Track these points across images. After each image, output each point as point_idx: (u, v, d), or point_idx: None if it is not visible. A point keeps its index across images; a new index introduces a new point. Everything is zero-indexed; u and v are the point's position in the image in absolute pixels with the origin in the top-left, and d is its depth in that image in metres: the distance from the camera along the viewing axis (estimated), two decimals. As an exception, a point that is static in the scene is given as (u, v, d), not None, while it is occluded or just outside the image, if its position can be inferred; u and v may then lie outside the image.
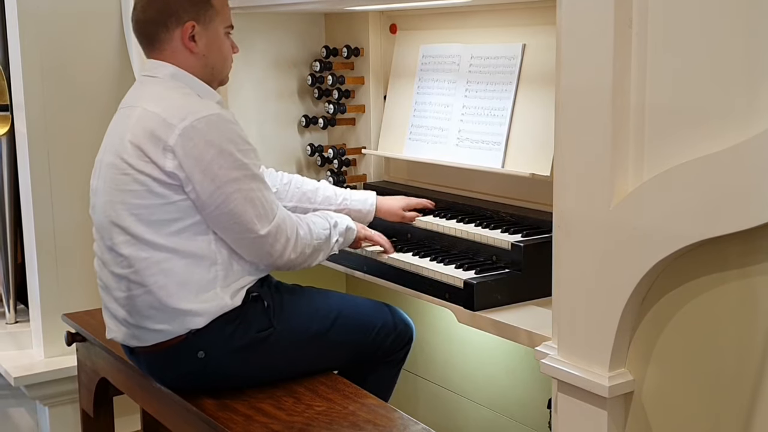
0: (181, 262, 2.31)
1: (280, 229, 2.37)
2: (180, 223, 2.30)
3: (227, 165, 2.28)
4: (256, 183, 2.34)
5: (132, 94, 2.49)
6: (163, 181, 2.27)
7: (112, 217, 2.34)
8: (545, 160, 2.61)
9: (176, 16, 2.40)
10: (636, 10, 1.69)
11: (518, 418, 2.95)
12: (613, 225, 1.74)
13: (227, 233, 2.34)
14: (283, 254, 2.39)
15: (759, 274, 1.59)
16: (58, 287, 3.62)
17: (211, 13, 2.44)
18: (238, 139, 2.32)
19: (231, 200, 2.29)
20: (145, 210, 2.29)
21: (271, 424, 2.24)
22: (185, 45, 2.41)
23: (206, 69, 2.46)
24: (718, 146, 1.56)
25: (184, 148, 2.25)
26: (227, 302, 2.35)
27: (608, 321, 1.78)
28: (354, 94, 3.38)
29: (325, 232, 2.51)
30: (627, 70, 1.71)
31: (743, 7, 1.53)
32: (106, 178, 2.37)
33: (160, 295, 2.31)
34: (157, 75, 2.43)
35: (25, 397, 3.63)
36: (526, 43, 2.74)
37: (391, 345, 2.62)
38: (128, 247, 2.32)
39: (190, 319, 2.33)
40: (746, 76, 1.53)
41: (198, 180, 2.26)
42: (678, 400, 1.75)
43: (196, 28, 2.41)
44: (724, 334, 1.66)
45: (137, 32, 2.48)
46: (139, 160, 2.28)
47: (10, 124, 3.63)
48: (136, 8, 2.46)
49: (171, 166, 2.26)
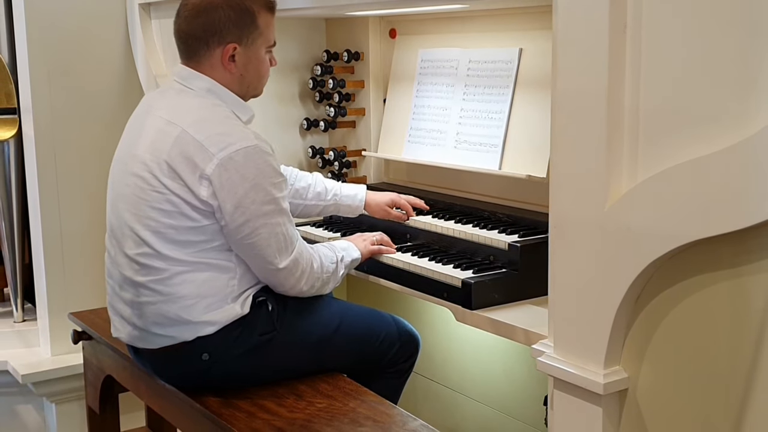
0: (203, 275, 2.30)
1: (296, 264, 2.37)
2: (205, 245, 2.29)
3: (259, 200, 2.27)
4: (282, 217, 2.33)
5: (163, 100, 2.41)
6: (196, 207, 2.25)
7: (135, 229, 2.31)
8: (541, 162, 2.61)
9: (219, 36, 2.34)
10: (630, 15, 1.69)
11: (515, 415, 2.95)
12: (608, 226, 1.74)
13: (248, 260, 2.34)
14: (295, 286, 2.40)
15: (750, 273, 1.58)
16: (65, 287, 3.62)
17: (255, 34, 2.38)
18: (273, 172, 2.31)
19: (257, 233, 2.28)
20: (173, 230, 2.27)
21: (273, 421, 2.24)
22: (224, 64, 2.37)
23: (242, 86, 2.42)
24: (710, 149, 1.56)
25: (220, 178, 2.23)
26: (238, 311, 2.34)
27: (603, 320, 1.78)
28: (354, 98, 3.38)
29: (333, 266, 2.50)
30: (621, 74, 1.71)
31: (735, 12, 1.53)
32: (133, 188, 2.32)
33: (175, 306, 2.29)
34: (193, 87, 2.38)
35: (33, 394, 3.63)
36: (523, 48, 2.74)
37: (395, 355, 2.60)
38: (147, 258, 2.30)
39: (202, 328, 2.32)
40: (738, 80, 1.53)
41: (229, 211, 2.25)
42: (671, 396, 1.75)
43: (237, 50, 2.36)
44: (717, 332, 1.66)
45: (177, 39, 2.41)
46: (174, 182, 2.25)
47: (17, 127, 3.63)
48: (180, 15, 2.39)
49: (206, 194, 2.24)
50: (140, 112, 2.47)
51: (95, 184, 3.46)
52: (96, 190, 3.40)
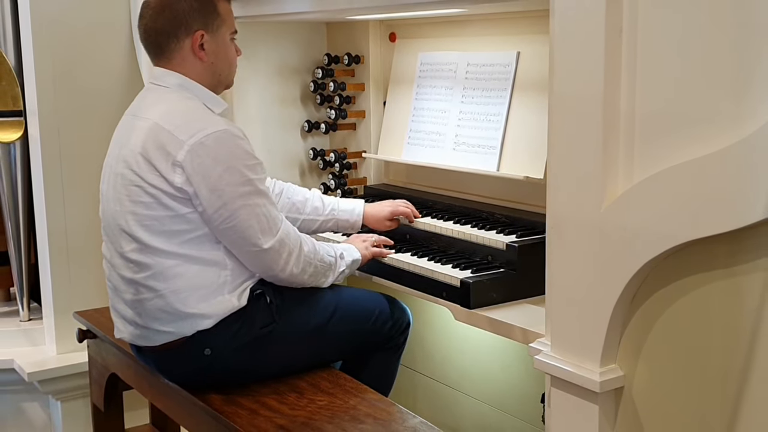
0: (192, 268, 2.31)
1: (283, 243, 2.36)
2: (190, 234, 2.30)
3: (234, 181, 2.27)
4: (261, 198, 2.33)
5: (140, 102, 2.47)
6: (172, 195, 2.26)
7: (122, 226, 2.33)
8: (539, 163, 2.61)
9: (186, 26, 2.38)
10: (626, 19, 1.68)
11: (513, 412, 2.95)
12: (604, 226, 1.74)
13: (233, 246, 2.34)
14: (285, 268, 2.38)
15: (744, 273, 1.58)
16: (70, 286, 3.62)
17: (218, 21, 2.43)
18: (245, 155, 2.31)
19: (236, 216, 2.28)
20: (155, 221, 2.29)
21: (275, 418, 2.24)
22: (195, 53, 2.40)
23: (214, 76, 2.46)
24: (705, 150, 1.56)
25: (192, 163, 2.24)
26: (234, 303, 2.35)
27: (599, 319, 1.78)
28: (355, 100, 3.38)
29: (331, 259, 2.50)
30: (617, 77, 1.71)
31: (730, 17, 1.53)
32: (117, 187, 2.36)
33: (170, 299, 2.30)
34: (165, 84, 2.42)
35: (38, 391, 3.63)
36: (521, 51, 2.73)
37: (390, 331, 2.61)
38: (139, 254, 2.32)
39: (199, 321, 2.32)
40: (732, 83, 1.53)
41: (205, 196, 2.26)
42: (666, 394, 1.75)
43: (205, 37, 2.40)
44: (711, 331, 1.66)
45: (145, 41, 2.45)
46: (150, 173, 2.27)
47: (23, 129, 3.63)
48: (143, 17, 2.43)
49: (179, 181, 2.25)
50: (122, 117, 2.51)
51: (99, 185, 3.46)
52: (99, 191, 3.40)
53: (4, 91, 3.62)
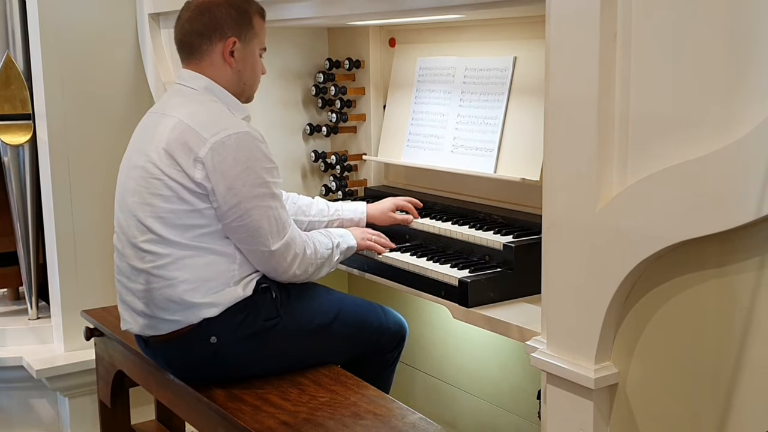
0: (203, 260, 2.32)
1: (289, 247, 2.38)
2: (204, 229, 2.31)
3: (250, 182, 2.29)
4: (274, 201, 2.35)
5: (167, 101, 2.48)
6: (192, 190, 2.28)
7: (139, 217, 2.34)
8: (535, 165, 2.61)
9: (221, 31, 2.41)
10: (620, 24, 1.69)
11: (509, 408, 2.95)
12: (599, 227, 1.74)
13: (241, 243, 2.35)
14: (288, 270, 2.41)
15: (736, 273, 1.58)
16: (78, 285, 3.62)
17: (251, 33, 2.46)
18: (264, 157, 2.34)
19: (249, 215, 2.30)
20: (172, 214, 2.30)
21: (278, 414, 2.24)
22: (224, 58, 2.43)
23: (239, 83, 2.47)
24: (697, 153, 1.56)
25: (213, 161, 2.26)
26: (239, 293, 2.36)
27: (594, 317, 1.78)
28: (355, 104, 3.38)
29: (328, 252, 2.51)
30: (612, 81, 1.71)
31: (721, 21, 1.53)
32: (136, 179, 2.37)
33: (180, 289, 2.31)
34: (193, 86, 2.43)
35: (47, 388, 3.63)
36: (517, 56, 2.73)
37: (385, 344, 2.60)
38: (152, 244, 2.33)
39: (206, 310, 2.33)
40: (724, 87, 1.53)
41: (221, 193, 2.27)
42: (659, 391, 1.75)
43: (237, 44, 2.42)
44: (703, 329, 1.66)
45: (179, 42, 2.48)
46: (171, 167, 2.29)
47: (32, 132, 3.63)
48: (181, 19, 2.46)
49: (200, 176, 2.27)
50: (146, 115, 2.52)
51: (106, 186, 3.45)
52: (107, 191, 3.38)
53: (13, 95, 3.62)
